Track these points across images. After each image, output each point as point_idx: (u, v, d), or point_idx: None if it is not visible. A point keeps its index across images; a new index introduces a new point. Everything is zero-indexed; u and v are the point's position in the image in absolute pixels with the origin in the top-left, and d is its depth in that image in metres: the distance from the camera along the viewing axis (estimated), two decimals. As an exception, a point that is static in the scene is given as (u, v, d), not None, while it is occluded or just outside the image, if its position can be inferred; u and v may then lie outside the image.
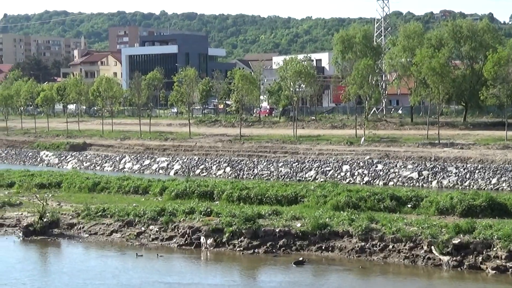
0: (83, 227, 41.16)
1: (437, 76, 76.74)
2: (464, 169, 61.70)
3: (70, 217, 42.51)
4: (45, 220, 41.13)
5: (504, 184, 57.81)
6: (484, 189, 54.88)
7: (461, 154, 65.88)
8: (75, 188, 53.06)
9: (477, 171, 60.73)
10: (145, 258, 35.95)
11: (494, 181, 58.67)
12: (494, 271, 31.02)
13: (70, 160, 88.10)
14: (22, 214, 44.02)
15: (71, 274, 33.38)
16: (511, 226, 32.85)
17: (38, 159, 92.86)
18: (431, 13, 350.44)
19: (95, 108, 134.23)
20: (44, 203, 43.15)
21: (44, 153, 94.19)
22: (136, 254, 36.22)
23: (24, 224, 41.48)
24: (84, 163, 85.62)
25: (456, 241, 32.36)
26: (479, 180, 59.32)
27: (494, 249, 31.81)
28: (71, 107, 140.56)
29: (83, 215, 42.22)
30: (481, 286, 30.27)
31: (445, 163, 63.83)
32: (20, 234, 40.94)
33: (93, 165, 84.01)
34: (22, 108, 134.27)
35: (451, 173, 61.80)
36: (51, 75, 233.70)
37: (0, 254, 37.68)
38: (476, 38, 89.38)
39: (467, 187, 57.70)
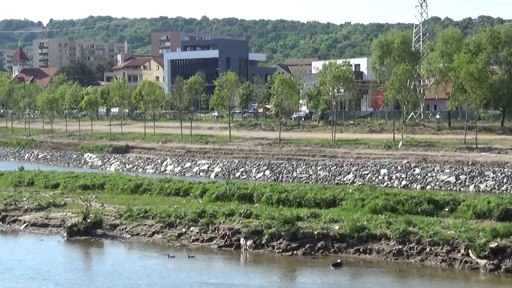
0: (125, 228, 41.41)
1: (475, 81, 76.37)
2: (501, 174, 61.22)
3: (113, 218, 42.78)
4: (88, 220, 41.44)
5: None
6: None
7: (499, 159, 65.38)
8: (117, 189, 53.36)
9: (514, 176, 60.35)
10: (188, 259, 36.05)
11: (532, 185, 58.27)
12: (531, 275, 30.74)
13: (113, 162, 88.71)
14: (66, 214, 44.33)
15: (115, 273, 33.61)
16: (548, 230, 32.55)
17: (82, 161, 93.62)
18: (469, 18, 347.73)
19: (138, 112, 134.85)
20: (88, 204, 43.56)
21: (88, 155, 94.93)
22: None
23: (69, 225, 41.82)
24: (126, 165, 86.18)
25: (493, 244, 32.09)
26: (517, 185, 58.93)
27: (531, 253, 31.56)
28: (114, 110, 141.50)
29: (126, 216, 42.48)
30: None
31: (483, 168, 63.34)
32: (65, 234, 41.27)
33: (135, 167, 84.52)
34: (66, 111, 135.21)
35: (489, 177, 61.35)
36: (95, 79, 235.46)
37: (46, 253, 38.01)
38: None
39: (505, 192, 57.23)
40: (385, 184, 63.85)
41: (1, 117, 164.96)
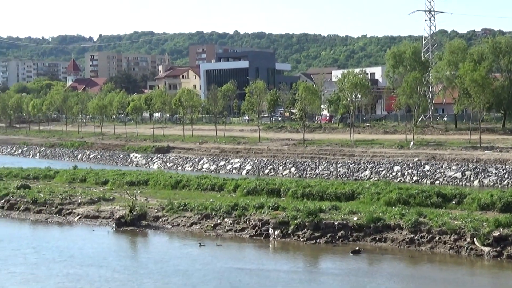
0: (167, 219, 41.55)
1: (478, 87, 76.27)
2: (503, 170, 60.84)
3: (156, 210, 42.95)
4: (134, 213, 41.65)
5: (539, 183, 56.96)
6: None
7: (500, 157, 64.95)
8: (160, 185, 53.54)
9: (515, 172, 59.96)
10: (223, 247, 36.11)
11: (530, 180, 57.86)
12: (531, 261, 30.54)
13: (156, 161, 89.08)
14: (115, 207, 44.58)
15: (163, 260, 33.72)
16: (546, 220, 32.34)
17: (128, 160, 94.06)
18: (473, 31, 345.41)
19: (177, 116, 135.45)
20: (134, 198, 43.81)
21: (133, 155, 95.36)
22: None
23: (117, 216, 42.09)
24: (167, 164, 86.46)
25: (496, 233, 31.96)
26: (517, 179, 58.55)
27: (531, 241, 31.34)
28: (157, 115, 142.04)
29: (167, 209, 42.63)
30: (519, 274, 29.81)
31: (486, 165, 62.98)
32: (113, 225, 41.53)
33: (175, 165, 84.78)
34: (114, 116, 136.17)
35: (491, 173, 61.00)
36: (139, 87, 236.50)
37: (97, 242, 38.27)
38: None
39: (506, 186, 56.92)
40: (398, 179, 63.66)
41: (57, 121, 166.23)
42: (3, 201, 49.59)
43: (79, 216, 44.56)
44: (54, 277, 30.40)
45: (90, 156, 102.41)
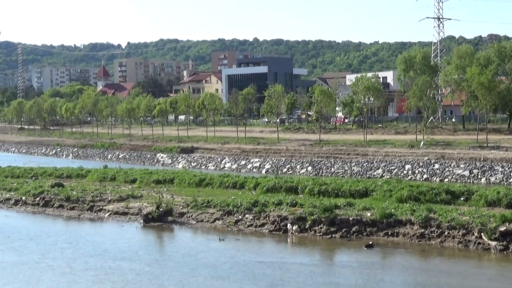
0: (191, 215, 41.61)
1: (485, 89, 76.04)
2: (509, 168, 60.54)
3: (181, 207, 43.02)
4: (161, 209, 41.75)
5: (543, 181, 56.62)
6: (526, 185, 53.71)
7: (506, 156, 64.62)
8: (184, 183, 53.62)
9: (520, 170, 59.65)
10: (246, 241, 36.18)
11: (534, 178, 57.53)
12: (535, 254, 30.37)
13: (181, 161, 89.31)
14: (142, 204, 44.70)
15: (190, 254, 33.78)
16: (549, 216, 32.18)
17: (155, 160, 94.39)
18: (479, 36, 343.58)
19: (201, 118, 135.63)
20: (160, 196, 43.88)
21: (160, 155, 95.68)
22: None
23: (144, 213, 42.18)
24: (192, 163, 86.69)
25: (502, 228, 31.82)
26: (521, 177, 58.26)
27: (535, 235, 31.18)
28: (181, 117, 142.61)
29: (192, 206, 42.70)
30: (524, 266, 29.65)
31: (493, 163, 62.69)
32: (141, 221, 41.64)
33: (199, 164, 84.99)
34: (142, 118, 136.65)
35: (498, 171, 60.72)
36: (165, 92, 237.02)
37: (126, 237, 38.42)
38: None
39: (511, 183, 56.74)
40: (409, 177, 63.46)
41: (88, 123, 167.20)
42: (38, 198, 49.92)
43: (109, 213, 44.76)
44: (90, 270, 30.56)
45: (119, 156, 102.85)
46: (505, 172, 60.22)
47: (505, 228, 31.88)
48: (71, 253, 34.19)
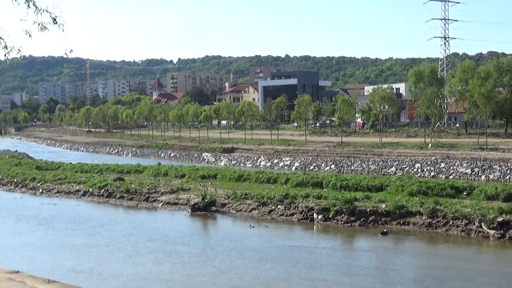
0: (231, 206, 41.71)
1: (485, 99, 75.37)
2: (505, 167, 59.79)
3: (223, 199, 43.15)
4: (206, 200, 41.94)
5: (536, 178, 55.82)
6: (521, 181, 53.00)
7: (503, 156, 63.77)
8: (226, 178, 53.72)
9: (515, 168, 58.89)
10: (272, 228, 36.21)
11: (528, 176, 56.73)
12: (529, 242, 30.05)
13: (222, 159, 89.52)
14: (190, 196, 44.92)
15: (233, 239, 33.85)
16: (541, 209, 31.84)
17: (201, 158, 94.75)
18: (480, 53, 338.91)
19: (240, 123, 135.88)
20: (205, 189, 44.06)
21: (205, 154, 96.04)
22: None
23: (192, 203, 42.41)
24: (232, 161, 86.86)
25: (500, 219, 31.57)
26: (517, 175, 57.51)
27: (529, 225, 30.84)
28: (223, 122, 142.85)
29: (232, 197, 42.81)
30: (519, 252, 29.34)
31: (491, 163, 61.92)
32: (189, 210, 41.84)
33: (238, 162, 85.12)
34: (190, 123, 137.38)
35: (496, 170, 59.99)
36: (209, 100, 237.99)
37: (178, 224, 38.68)
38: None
39: (508, 180, 55.99)
40: (418, 174, 62.97)
41: (144, 127, 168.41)
42: (103, 190, 50.47)
43: (162, 203, 45.08)
44: (151, 253, 30.73)
45: (171, 155, 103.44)
46: (502, 170, 59.52)
47: (502, 218, 31.67)
48: (135, 238, 34.42)
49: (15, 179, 61.12)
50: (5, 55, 8.70)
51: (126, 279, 25.78)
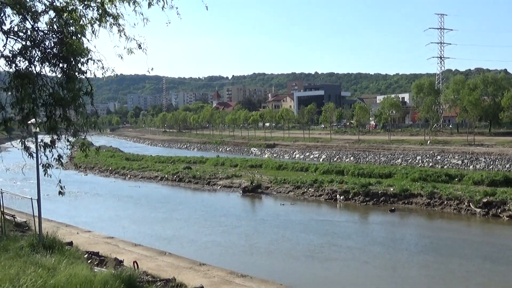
0: (273, 188, 41.81)
1: (473, 105, 74.08)
2: (489, 159, 58.36)
3: (266, 183, 43.29)
4: (253, 184, 42.16)
5: (514, 168, 54.39)
6: (502, 170, 51.59)
7: (487, 150, 62.24)
8: (269, 167, 53.82)
9: (497, 160, 57.30)
10: (303, 206, 36.14)
11: (507, 166, 55.17)
12: (508, 218, 29.47)
13: (266, 153, 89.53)
14: (241, 181, 45.20)
15: (273, 213, 34.07)
16: (518, 192, 31.13)
17: (249, 152, 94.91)
18: (469, 69, 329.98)
19: (279, 125, 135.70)
20: (253, 175, 44.34)
21: (253, 149, 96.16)
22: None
23: (243, 186, 42.67)
24: (273, 154, 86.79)
25: (485, 200, 31.12)
26: (498, 165, 55.97)
27: (508, 205, 30.23)
28: (267, 124, 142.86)
29: (273, 182, 42.91)
30: (500, 226, 28.74)
31: (478, 155, 60.51)
32: (241, 192, 42.10)
33: (278, 155, 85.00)
34: (241, 125, 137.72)
35: (481, 161, 58.59)
36: (256, 107, 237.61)
37: (232, 202, 38.95)
38: (496, 83, 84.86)
39: (491, 169, 54.58)
40: (419, 165, 61.85)
41: (206, 128, 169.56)
42: (175, 176, 51.12)
43: (220, 186, 45.44)
44: (220, 226, 30.41)
45: (227, 150, 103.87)
46: (487, 162, 58.13)
47: (486, 199, 31.18)
48: (204, 213, 34.27)
49: (110, 168, 62.39)
50: (102, 74, 8.93)
51: (200, 245, 25.72)
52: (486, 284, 19.17)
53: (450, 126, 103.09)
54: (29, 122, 9.50)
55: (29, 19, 8.73)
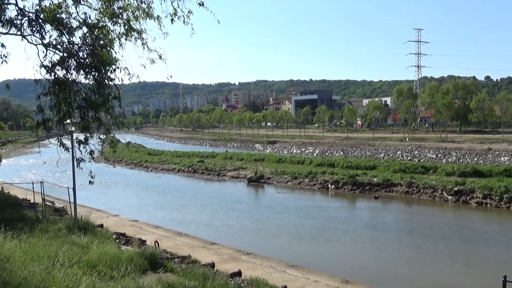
0: (274, 179, 41.77)
1: (445, 107, 73.93)
2: (460, 153, 58.17)
3: (268, 174, 43.26)
4: (257, 175, 42.12)
5: (480, 161, 54.01)
6: (470, 163, 51.42)
7: (458, 146, 62.02)
8: (270, 161, 53.65)
9: (466, 155, 57.11)
10: (306, 194, 36.07)
11: (475, 159, 54.97)
12: (476, 204, 29.36)
13: (268, 148, 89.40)
14: (247, 172, 45.20)
15: (273, 199, 34.04)
16: (484, 182, 30.87)
17: (253, 148, 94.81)
18: (442, 76, 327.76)
19: (279, 124, 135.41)
20: (257, 168, 44.29)
21: (256, 145, 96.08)
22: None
23: (248, 177, 42.67)
24: (274, 149, 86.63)
25: (456, 188, 30.99)
26: (467, 159, 55.77)
27: (475, 193, 30.10)
28: (269, 124, 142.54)
29: (274, 173, 42.86)
30: (468, 211, 28.62)
31: (450, 150, 60.33)
32: (246, 182, 42.11)
33: (278, 150, 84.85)
34: (246, 124, 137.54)
35: (453, 155, 58.40)
36: (259, 109, 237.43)
37: (238, 190, 38.88)
38: (466, 88, 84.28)
39: (461, 162, 54.40)
40: (399, 158, 61.65)
41: (217, 127, 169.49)
42: (190, 168, 51.14)
43: (228, 177, 45.44)
44: (232, 211, 30.27)
45: (234, 146, 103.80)
46: (457, 156, 57.93)
47: (457, 188, 31.07)
48: (218, 200, 33.69)
49: (135, 161, 62.49)
50: (129, 79, 8.99)
51: (215, 228, 25.63)
52: (470, 264, 19.08)
53: (426, 125, 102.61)
54: (65, 122, 9.57)
55: (66, 34, 8.79)
